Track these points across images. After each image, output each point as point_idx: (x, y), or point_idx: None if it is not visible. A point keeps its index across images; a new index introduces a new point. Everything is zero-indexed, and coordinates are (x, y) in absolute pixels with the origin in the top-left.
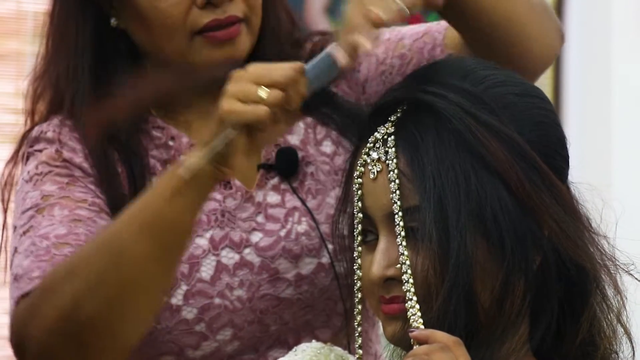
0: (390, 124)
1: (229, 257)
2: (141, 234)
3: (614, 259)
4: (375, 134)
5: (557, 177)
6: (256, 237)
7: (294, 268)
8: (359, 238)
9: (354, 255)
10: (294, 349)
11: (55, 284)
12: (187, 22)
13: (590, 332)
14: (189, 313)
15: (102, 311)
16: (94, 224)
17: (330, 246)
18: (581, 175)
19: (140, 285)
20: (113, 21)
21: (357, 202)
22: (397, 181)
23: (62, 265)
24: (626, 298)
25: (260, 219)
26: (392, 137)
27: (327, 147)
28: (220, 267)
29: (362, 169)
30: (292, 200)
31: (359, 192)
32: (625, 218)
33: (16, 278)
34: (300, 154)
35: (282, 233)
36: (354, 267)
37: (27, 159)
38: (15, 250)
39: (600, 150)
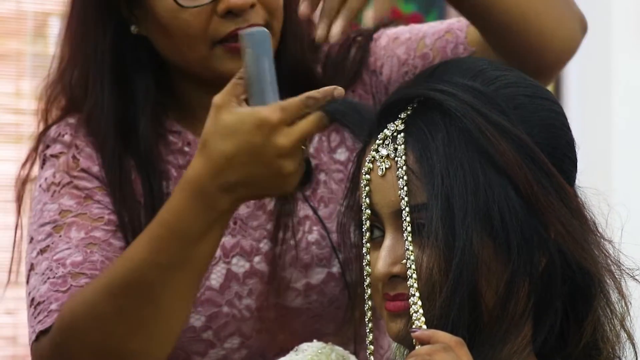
0: (400, 121)
1: (240, 265)
2: (173, 276)
3: (619, 264)
4: (385, 130)
5: (565, 179)
6: (267, 245)
7: (303, 277)
8: (367, 234)
9: (363, 252)
10: (295, 349)
11: (81, 326)
12: (208, 31)
13: (593, 336)
14: (196, 320)
15: (141, 344)
16: (109, 247)
17: (341, 255)
18: (581, 177)
19: (177, 318)
20: (133, 28)
21: (365, 199)
22: (405, 178)
23: (83, 305)
24: (630, 303)
25: (271, 227)
26: (402, 134)
27: (342, 154)
28: (230, 275)
29: (371, 165)
30: (303, 209)
31: (367, 188)
32: (626, 221)
33: (33, 304)
34: (313, 162)
35: (293, 242)
36: (363, 264)
37: (44, 162)
38: (32, 267)
39: (601, 151)
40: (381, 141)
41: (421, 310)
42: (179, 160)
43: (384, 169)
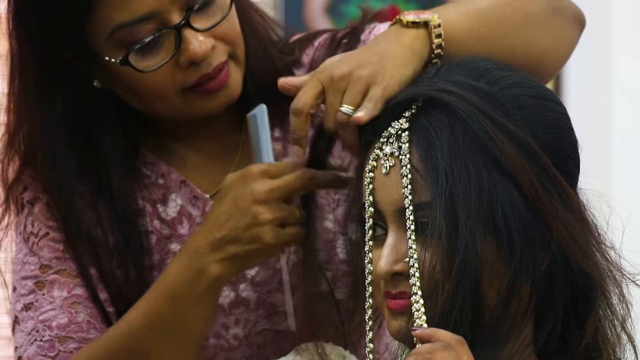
0: (404, 119)
1: (224, 295)
2: (168, 341)
3: (620, 268)
4: (389, 129)
5: (567, 181)
6: (252, 270)
7: (291, 300)
8: (370, 232)
9: (365, 249)
10: (295, 349)
11: None
12: (175, 84)
13: (594, 337)
14: None
15: None
16: (92, 302)
17: (328, 273)
18: (581, 178)
19: None
20: (96, 83)
21: (368, 197)
22: (409, 176)
23: None
24: (631, 305)
25: None
26: (406, 132)
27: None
28: None
29: (375, 163)
30: None
31: (370, 186)
32: (627, 222)
33: None
34: None
35: (278, 265)
36: (366, 261)
37: (22, 207)
38: (17, 320)
39: (601, 153)
40: (385, 139)
41: (422, 309)
42: (152, 195)
43: (387, 167)
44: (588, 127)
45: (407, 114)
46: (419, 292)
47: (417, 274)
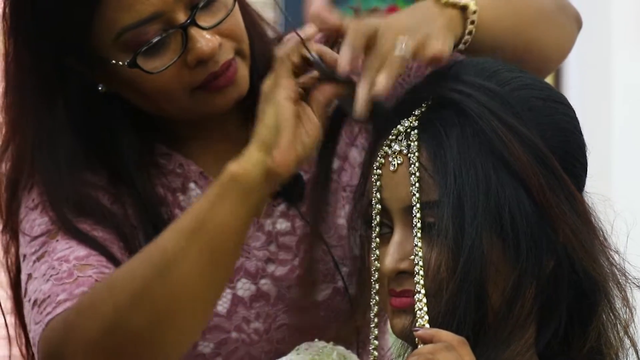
0: (414, 117)
1: (245, 288)
2: (187, 241)
3: (624, 272)
4: (399, 126)
5: (574, 184)
6: (271, 266)
7: (310, 295)
8: (377, 229)
9: (372, 246)
10: (296, 348)
11: (95, 300)
12: (184, 83)
13: (597, 341)
14: (205, 347)
15: (147, 324)
16: (112, 244)
17: (344, 269)
18: None
19: (188, 298)
20: (101, 87)
21: (375, 194)
22: (417, 174)
23: (100, 283)
24: (634, 308)
25: (272, 248)
26: (415, 130)
27: (334, 163)
28: (236, 300)
29: (382, 161)
30: (302, 227)
31: (378, 183)
32: (626, 222)
33: (37, 303)
34: (305, 177)
35: (296, 262)
36: (372, 258)
37: (31, 187)
38: (29, 276)
39: (600, 153)
40: (394, 137)
41: (425, 309)
42: (172, 183)
43: (395, 165)
44: (588, 127)
45: (416, 112)
46: (423, 291)
47: (421, 273)
